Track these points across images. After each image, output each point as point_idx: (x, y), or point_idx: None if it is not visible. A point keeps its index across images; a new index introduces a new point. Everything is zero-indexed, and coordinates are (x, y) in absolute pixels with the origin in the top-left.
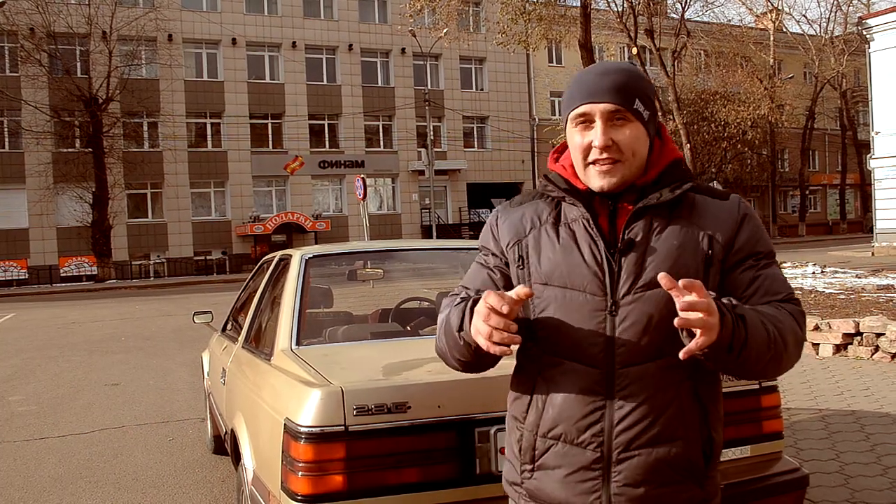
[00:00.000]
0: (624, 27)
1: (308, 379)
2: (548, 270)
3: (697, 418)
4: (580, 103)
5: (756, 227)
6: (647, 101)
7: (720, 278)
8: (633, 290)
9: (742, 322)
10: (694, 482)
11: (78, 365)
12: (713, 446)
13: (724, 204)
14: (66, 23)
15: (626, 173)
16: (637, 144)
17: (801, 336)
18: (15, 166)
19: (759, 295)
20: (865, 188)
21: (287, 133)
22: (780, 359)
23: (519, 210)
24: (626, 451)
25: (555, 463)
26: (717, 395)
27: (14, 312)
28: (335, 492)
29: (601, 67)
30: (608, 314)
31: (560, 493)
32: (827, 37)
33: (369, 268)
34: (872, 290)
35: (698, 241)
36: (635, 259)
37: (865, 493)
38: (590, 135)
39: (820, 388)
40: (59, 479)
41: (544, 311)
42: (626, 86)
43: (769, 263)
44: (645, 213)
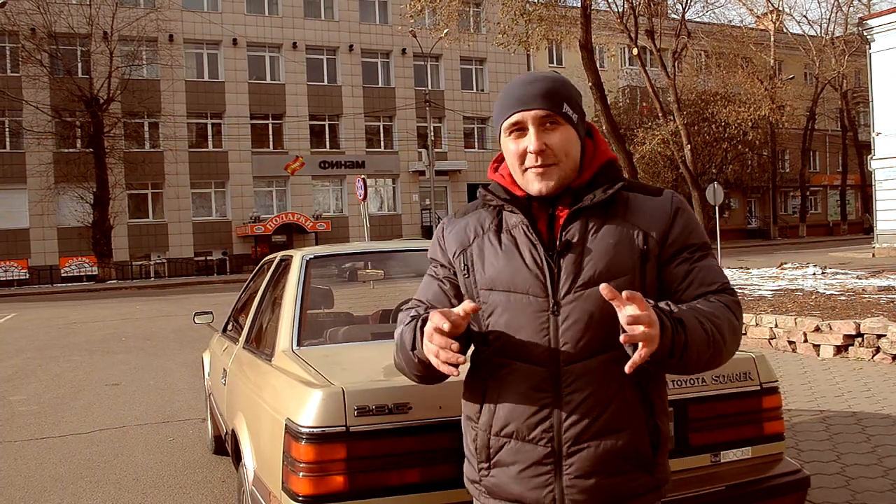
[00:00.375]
0: (624, 28)
1: (309, 379)
2: (492, 276)
3: (643, 409)
4: (512, 112)
5: (688, 220)
6: (574, 105)
7: (657, 272)
8: (573, 290)
9: (681, 326)
10: (643, 470)
11: (79, 365)
12: (660, 435)
13: (657, 200)
14: (67, 23)
15: (562, 175)
16: (569, 146)
17: (738, 327)
18: (16, 166)
19: (695, 287)
20: (866, 189)
21: (288, 133)
22: (720, 354)
23: (463, 220)
24: (576, 445)
25: (509, 460)
26: (661, 387)
27: (15, 312)
28: (336, 492)
29: (528, 77)
30: (551, 314)
31: (516, 489)
32: (827, 37)
33: (370, 268)
34: (873, 291)
35: (633, 237)
36: (573, 259)
37: (867, 494)
38: (524, 141)
39: (821, 389)
40: (59, 479)
41: (492, 315)
42: (553, 91)
43: (703, 255)
44: (580, 215)
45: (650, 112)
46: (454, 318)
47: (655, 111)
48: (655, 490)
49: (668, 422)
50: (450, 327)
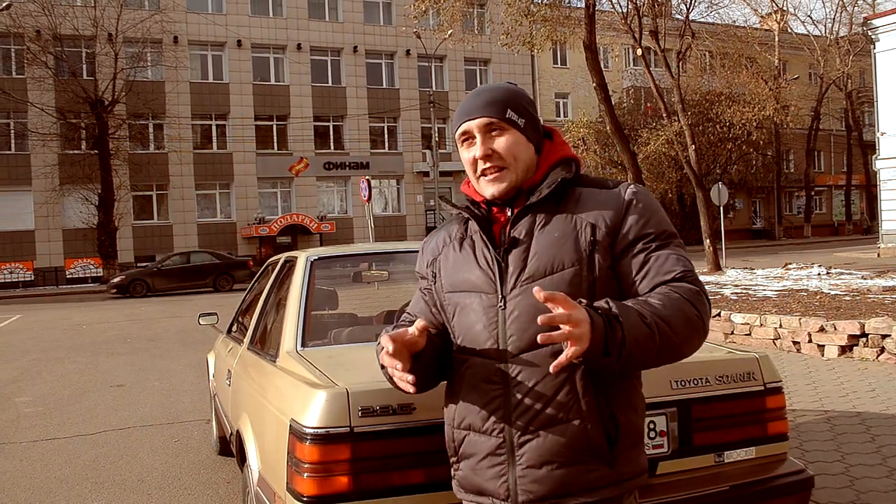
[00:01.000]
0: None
1: (313, 380)
2: (453, 279)
3: (596, 400)
4: (460, 122)
5: (644, 210)
6: (520, 110)
7: (612, 264)
8: (518, 284)
9: (618, 323)
10: (600, 461)
11: (84, 366)
12: (619, 427)
13: (609, 192)
14: (72, 25)
15: (513, 178)
16: (516, 149)
17: (696, 315)
18: (21, 168)
19: (650, 277)
20: (871, 189)
21: (292, 134)
22: (672, 346)
23: (438, 234)
24: (525, 435)
25: (469, 451)
26: (623, 378)
27: (20, 314)
28: (340, 493)
29: (477, 89)
30: (499, 309)
31: (478, 480)
32: (832, 37)
33: (374, 269)
34: (878, 291)
35: (579, 230)
36: (519, 254)
37: (871, 494)
38: (473, 149)
39: (825, 389)
40: (64, 480)
41: (454, 315)
42: (497, 100)
43: (662, 245)
44: (529, 211)
45: (654, 112)
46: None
47: (659, 111)
48: (616, 483)
49: (635, 414)
50: (394, 349)
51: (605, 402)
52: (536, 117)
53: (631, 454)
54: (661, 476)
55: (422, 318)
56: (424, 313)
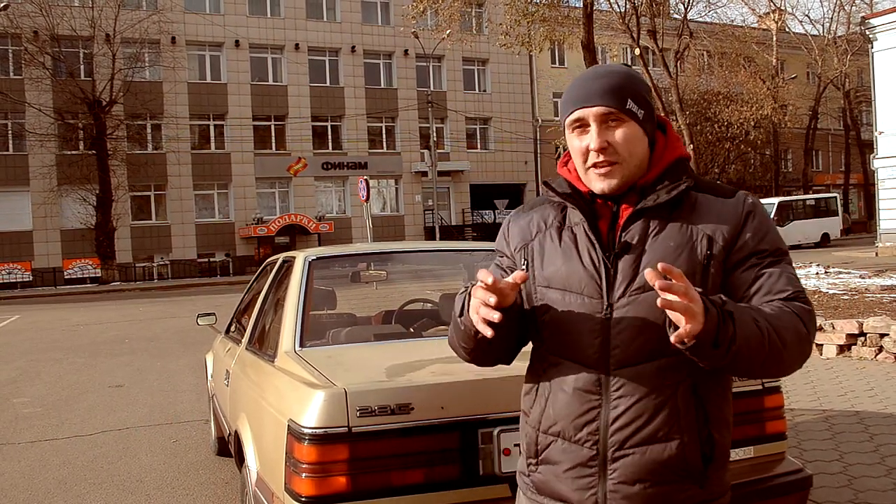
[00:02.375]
0: (627, 28)
1: (311, 380)
2: (549, 274)
3: (696, 419)
4: (574, 108)
5: (761, 224)
6: (640, 101)
7: (722, 279)
8: (627, 293)
9: (730, 318)
10: (692, 482)
11: (82, 367)
12: (714, 447)
13: (727, 202)
14: (69, 25)
15: (626, 174)
16: (633, 144)
17: (805, 334)
18: (19, 168)
19: (762, 294)
20: (869, 188)
21: (290, 135)
22: (780, 357)
23: (528, 215)
24: (621, 450)
25: (555, 458)
26: (720, 396)
27: (18, 315)
28: (339, 493)
29: (592, 72)
30: (604, 317)
31: (560, 488)
32: (830, 37)
33: (372, 269)
34: (876, 290)
35: (696, 241)
36: (631, 262)
37: (869, 493)
38: (586, 138)
39: (823, 388)
40: (63, 481)
41: (547, 312)
42: (617, 87)
43: (775, 261)
44: (643, 215)
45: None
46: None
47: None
48: (705, 503)
49: (728, 434)
50: (493, 282)
51: (705, 420)
52: (653, 108)
53: (721, 473)
54: None
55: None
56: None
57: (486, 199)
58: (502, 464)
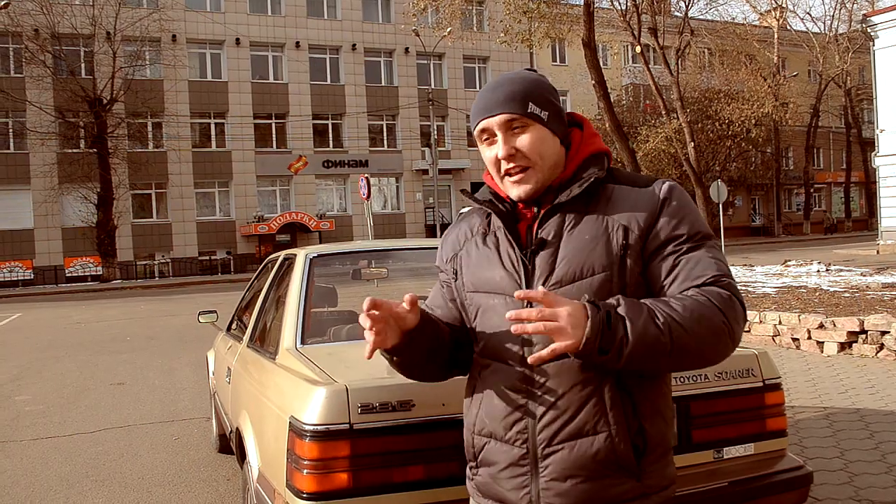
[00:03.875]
0: (627, 25)
1: (313, 377)
2: (475, 278)
3: (623, 411)
4: (478, 120)
5: (678, 210)
6: (542, 102)
7: (643, 268)
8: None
9: (621, 322)
10: (626, 475)
11: (83, 365)
12: (647, 439)
13: (643, 191)
14: (70, 24)
15: (540, 177)
16: (541, 146)
17: (720, 322)
18: (20, 167)
19: (680, 281)
20: (870, 186)
21: (291, 133)
22: (687, 352)
23: (458, 226)
24: (550, 447)
25: (490, 459)
26: (651, 388)
27: (20, 313)
28: (340, 489)
29: (494, 81)
30: None
31: (497, 489)
32: (831, 34)
33: (373, 267)
34: (877, 288)
35: (611, 232)
36: (547, 257)
37: (870, 490)
38: (494, 148)
39: (824, 386)
40: (65, 478)
41: (477, 316)
42: (516, 93)
43: (695, 247)
44: (558, 211)
45: (653, 110)
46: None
47: (659, 109)
48: (643, 497)
49: (664, 424)
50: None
51: (633, 413)
52: (560, 107)
53: (658, 465)
54: None
55: (438, 311)
56: (443, 308)
57: None
58: None
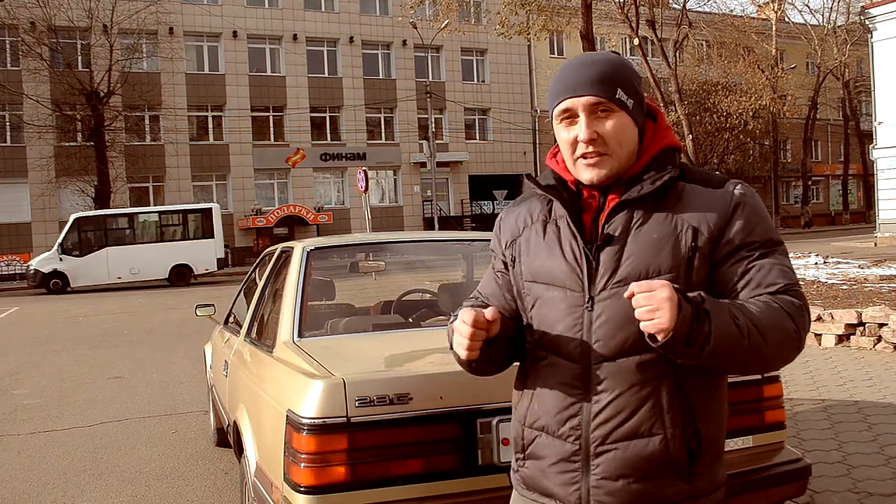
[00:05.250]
0: (625, 18)
1: (310, 371)
2: (534, 268)
3: (680, 414)
4: (562, 98)
5: (751, 216)
6: (630, 90)
7: (710, 271)
8: (608, 286)
9: (706, 317)
10: (678, 477)
11: (81, 358)
12: (701, 441)
13: (715, 192)
14: (66, 16)
15: (615, 164)
16: (623, 135)
17: (794, 331)
18: (17, 160)
19: (751, 288)
20: (868, 178)
21: (288, 126)
22: (761, 356)
23: (517, 210)
24: (603, 445)
25: (540, 453)
26: (709, 390)
27: (17, 306)
28: (338, 483)
29: (581, 60)
30: (585, 309)
31: (545, 483)
32: (829, 26)
33: (371, 260)
34: (875, 280)
35: (680, 233)
36: (612, 254)
37: (868, 482)
38: (574, 129)
39: (822, 378)
40: (62, 472)
41: (533, 307)
42: (606, 76)
43: (766, 253)
44: (627, 206)
45: (651, 102)
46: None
47: (657, 101)
48: (693, 499)
49: (719, 427)
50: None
51: (690, 415)
52: (643, 96)
53: (711, 469)
54: None
55: (494, 301)
56: (497, 297)
57: (484, 189)
58: (501, 453)
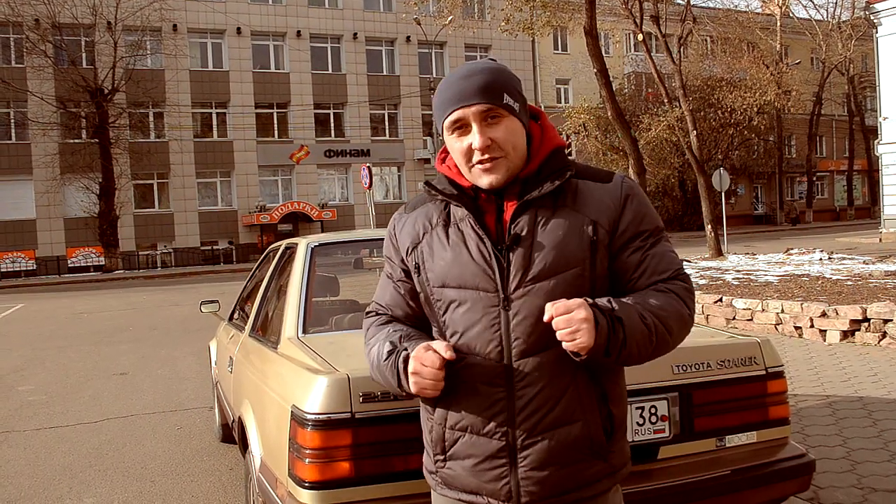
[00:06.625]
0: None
1: (314, 366)
2: (442, 273)
3: (595, 398)
4: (452, 109)
5: (639, 206)
6: (514, 94)
7: (609, 261)
8: (522, 284)
9: (620, 324)
10: (597, 457)
11: (86, 355)
12: (613, 421)
13: (606, 187)
14: (70, 13)
15: (510, 167)
16: (515, 138)
17: (688, 315)
18: (22, 157)
19: (647, 276)
20: (873, 174)
21: (293, 122)
22: (664, 345)
23: (412, 215)
24: (530, 438)
25: (464, 453)
26: (615, 373)
27: (23, 303)
28: (342, 478)
29: (465, 70)
30: (501, 309)
31: (471, 481)
32: (834, 22)
33: (375, 256)
34: (880, 276)
35: (582, 228)
36: (523, 253)
37: (872, 478)
38: (468, 138)
39: (827, 374)
40: (68, 468)
41: (446, 311)
42: (491, 83)
43: (656, 241)
44: (529, 207)
45: (655, 98)
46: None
47: (661, 97)
48: (610, 475)
49: (624, 406)
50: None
51: (603, 399)
52: (525, 98)
53: (620, 445)
54: (662, 461)
55: (397, 311)
56: (399, 306)
57: None
58: None
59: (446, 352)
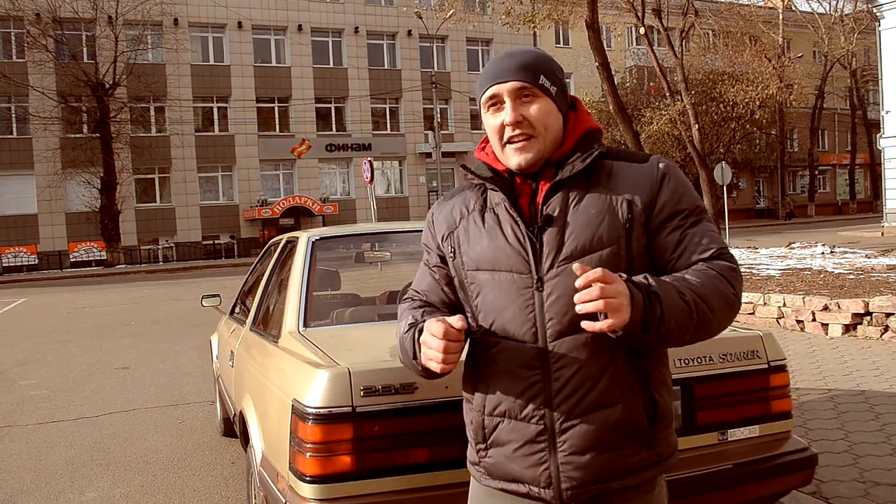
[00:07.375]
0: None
1: (315, 360)
2: (477, 256)
3: (637, 382)
4: (488, 86)
5: (678, 185)
6: (552, 78)
7: (647, 241)
8: (555, 265)
9: (657, 299)
10: (641, 444)
11: (88, 349)
12: (657, 408)
13: (641, 167)
14: (71, 8)
15: (542, 148)
16: (547, 119)
17: (733, 295)
18: (23, 152)
19: (687, 255)
20: (875, 168)
21: (294, 116)
22: (708, 325)
23: (450, 203)
24: (568, 421)
25: (504, 439)
26: (657, 359)
27: (25, 298)
28: (343, 472)
29: (505, 52)
30: (535, 290)
31: (513, 468)
32: (837, 15)
33: (376, 250)
34: (882, 270)
35: (616, 207)
36: (555, 233)
37: (875, 472)
38: (501, 115)
39: (829, 368)
40: (69, 462)
41: (479, 295)
42: (529, 64)
43: (696, 221)
44: (561, 187)
45: (657, 92)
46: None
47: (663, 91)
48: (656, 465)
49: (669, 395)
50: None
51: (645, 383)
52: (566, 87)
53: (666, 434)
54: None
55: (432, 296)
56: (434, 291)
57: None
58: None
59: (458, 322)
